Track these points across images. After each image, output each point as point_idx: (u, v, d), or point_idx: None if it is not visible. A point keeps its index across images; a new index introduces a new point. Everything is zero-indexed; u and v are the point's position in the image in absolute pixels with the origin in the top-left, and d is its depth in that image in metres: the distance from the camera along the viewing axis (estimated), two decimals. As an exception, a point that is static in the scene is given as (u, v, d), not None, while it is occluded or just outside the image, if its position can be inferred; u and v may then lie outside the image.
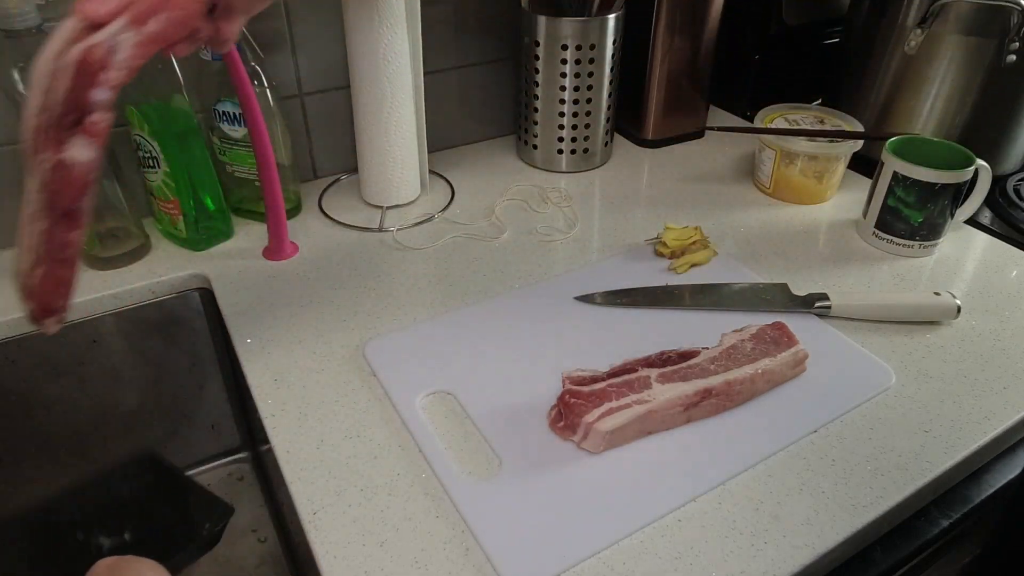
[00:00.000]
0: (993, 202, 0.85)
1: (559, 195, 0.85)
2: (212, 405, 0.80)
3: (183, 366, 0.76)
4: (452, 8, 0.86)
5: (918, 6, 0.82)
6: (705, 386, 0.53)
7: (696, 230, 0.73)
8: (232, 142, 0.74)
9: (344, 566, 0.45)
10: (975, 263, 0.74)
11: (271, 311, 0.66)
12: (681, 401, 0.52)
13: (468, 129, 0.96)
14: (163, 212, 0.72)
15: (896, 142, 0.74)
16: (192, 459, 0.82)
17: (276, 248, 0.73)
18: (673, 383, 0.53)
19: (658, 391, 0.52)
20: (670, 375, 0.54)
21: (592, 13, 0.81)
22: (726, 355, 0.56)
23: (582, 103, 0.85)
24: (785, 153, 0.82)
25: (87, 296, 0.68)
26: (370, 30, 0.70)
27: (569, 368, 0.56)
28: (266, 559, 0.75)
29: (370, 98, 0.74)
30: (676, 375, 0.54)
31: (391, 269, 0.72)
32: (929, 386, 0.58)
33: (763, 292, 0.67)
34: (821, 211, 0.83)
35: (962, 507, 0.54)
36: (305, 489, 0.50)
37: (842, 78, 0.94)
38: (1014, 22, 0.77)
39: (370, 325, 0.64)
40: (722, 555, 0.45)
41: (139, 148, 0.69)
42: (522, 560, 0.44)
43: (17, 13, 0.58)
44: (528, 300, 0.67)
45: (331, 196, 0.85)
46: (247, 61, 0.68)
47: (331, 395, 0.57)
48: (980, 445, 0.53)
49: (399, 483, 0.50)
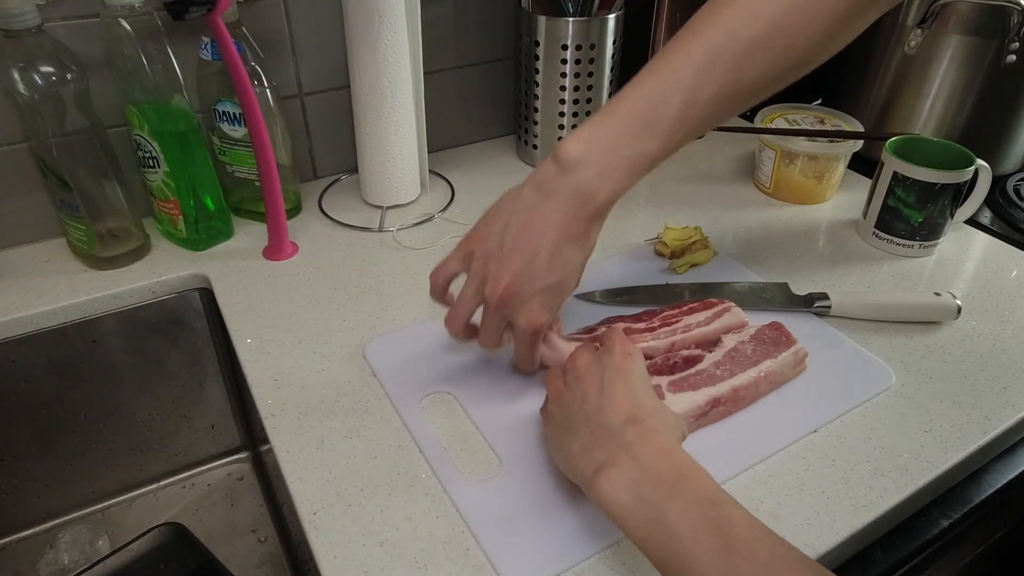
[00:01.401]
0: (993, 202, 0.85)
1: (559, 195, 0.85)
2: (212, 405, 0.80)
3: (183, 366, 0.76)
4: (452, 8, 0.86)
5: (918, 6, 0.82)
6: (715, 395, 0.53)
7: (696, 230, 0.73)
8: (232, 142, 0.74)
9: (344, 566, 0.45)
10: (975, 263, 0.74)
11: (271, 311, 0.66)
12: (693, 413, 0.52)
13: (468, 129, 0.96)
14: (163, 212, 0.72)
15: (896, 142, 0.74)
16: (192, 459, 0.82)
17: (276, 248, 0.73)
18: (684, 392, 0.53)
19: (671, 401, 0.52)
20: (680, 383, 0.54)
21: (592, 13, 0.81)
22: (729, 358, 0.56)
23: (582, 103, 0.85)
24: (785, 153, 0.82)
25: (87, 296, 0.68)
26: (370, 30, 0.70)
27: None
28: (266, 559, 0.75)
29: (370, 98, 0.74)
30: (686, 383, 0.54)
31: (391, 269, 0.72)
32: (929, 386, 0.58)
33: (763, 292, 0.67)
34: (821, 211, 0.83)
35: (962, 507, 0.54)
36: (305, 489, 0.49)
37: (842, 78, 0.94)
38: (1014, 22, 0.77)
39: (370, 325, 0.64)
40: (722, 555, 0.45)
41: (139, 148, 0.69)
42: (522, 560, 0.44)
43: (17, 13, 0.58)
44: (528, 300, 0.67)
45: (331, 196, 0.85)
46: (247, 61, 0.68)
47: (331, 395, 0.57)
48: (980, 445, 0.53)
49: (399, 483, 0.50)
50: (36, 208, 0.72)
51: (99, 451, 0.76)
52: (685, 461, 0.41)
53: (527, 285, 0.48)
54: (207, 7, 0.61)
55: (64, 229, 0.71)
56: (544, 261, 0.48)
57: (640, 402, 0.44)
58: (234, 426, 0.83)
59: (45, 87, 0.61)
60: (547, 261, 0.48)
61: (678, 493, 0.39)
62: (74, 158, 0.65)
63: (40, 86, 0.61)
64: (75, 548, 0.74)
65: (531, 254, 0.48)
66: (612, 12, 0.82)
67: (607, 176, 0.47)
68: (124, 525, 0.78)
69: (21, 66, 0.60)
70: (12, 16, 0.58)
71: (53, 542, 0.75)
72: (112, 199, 0.69)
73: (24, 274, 0.70)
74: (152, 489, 0.81)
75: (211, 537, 0.76)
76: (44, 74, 0.61)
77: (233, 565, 0.73)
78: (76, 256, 0.72)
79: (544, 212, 0.48)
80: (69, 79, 0.62)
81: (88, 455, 0.75)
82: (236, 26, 0.68)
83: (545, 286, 0.49)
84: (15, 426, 0.70)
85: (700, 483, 0.39)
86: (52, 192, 0.68)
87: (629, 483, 0.40)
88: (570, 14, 0.81)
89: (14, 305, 0.66)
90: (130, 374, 0.73)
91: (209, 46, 0.68)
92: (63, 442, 0.73)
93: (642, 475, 0.40)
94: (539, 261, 0.48)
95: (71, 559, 0.73)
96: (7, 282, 0.69)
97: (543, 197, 0.48)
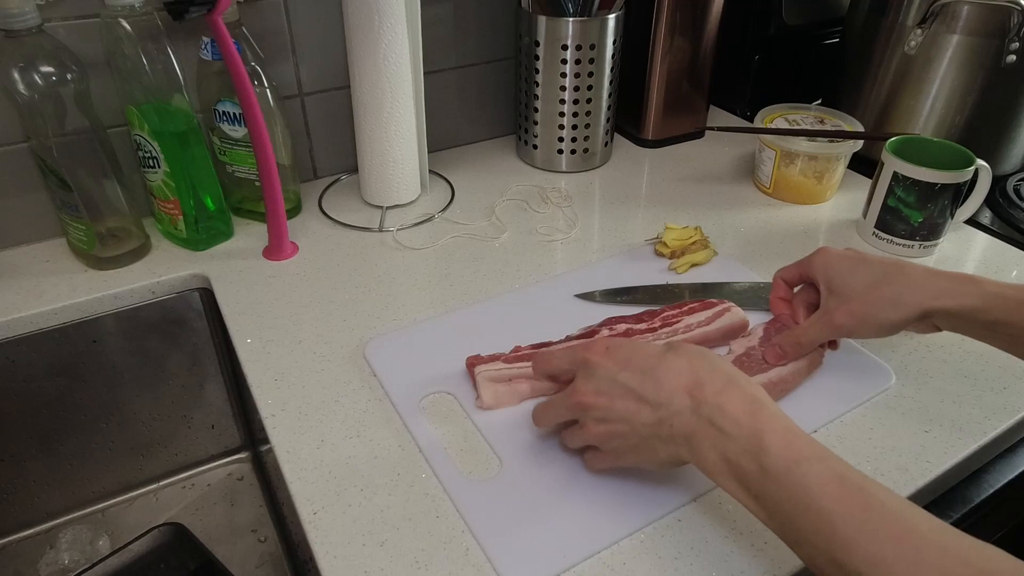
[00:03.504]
0: (993, 202, 0.85)
1: (559, 195, 0.85)
2: (212, 405, 0.80)
3: (183, 366, 0.76)
4: (452, 8, 0.86)
5: (918, 6, 0.82)
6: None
7: (696, 230, 0.73)
8: (232, 142, 0.74)
9: (344, 566, 0.45)
10: (975, 263, 0.74)
11: (271, 311, 0.66)
12: None
13: (468, 129, 0.96)
14: (163, 212, 0.72)
15: (896, 142, 0.74)
16: (192, 459, 0.82)
17: (276, 248, 0.73)
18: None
19: None
20: None
21: (592, 13, 0.81)
22: (739, 363, 0.56)
23: (582, 103, 0.85)
24: (785, 153, 0.82)
25: (87, 296, 0.68)
26: (370, 30, 0.70)
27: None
28: (266, 559, 0.75)
29: (370, 98, 0.74)
30: None
31: (391, 269, 0.72)
32: (929, 386, 0.58)
33: (763, 292, 0.67)
34: (821, 211, 0.83)
35: (962, 507, 0.54)
36: (305, 489, 0.50)
37: (842, 78, 0.94)
38: (1014, 22, 0.77)
39: (370, 325, 0.64)
40: (722, 555, 0.45)
41: (139, 148, 0.69)
42: (522, 560, 0.44)
43: (17, 13, 0.58)
44: (528, 300, 0.67)
45: (331, 196, 0.85)
46: (247, 61, 0.68)
47: (331, 395, 0.57)
48: (980, 445, 0.53)
49: (399, 483, 0.50)
50: (36, 208, 0.72)
51: (99, 451, 0.76)
52: (768, 414, 0.40)
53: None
54: (207, 7, 0.61)
55: (64, 229, 0.71)
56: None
57: (677, 365, 0.43)
58: (234, 426, 0.83)
59: (45, 87, 0.61)
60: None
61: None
62: (74, 158, 0.65)
63: (40, 86, 0.61)
64: (75, 548, 0.74)
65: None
66: (612, 12, 0.82)
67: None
68: (124, 525, 0.78)
69: (21, 66, 0.60)
70: (12, 16, 0.58)
71: (53, 542, 0.75)
72: (112, 199, 0.69)
73: (24, 274, 0.70)
74: (152, 489, 0.81)
75: (211, 537, 0.76)
76: (44, 74, 0.61)
77: (233, 565, 0.73)
78: (76, 256, 0.72)
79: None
80: (69, 79, 0.62)
81: (88, 455, 0.75)
82: (236, 26, 0.68)
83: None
84: (15, 426, 0.70)
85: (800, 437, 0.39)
86: (52, 192, 0.68)
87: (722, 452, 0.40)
88: (570, 14, 0.81)
89: (14, 305, 0.66)
90: (130, 374, 0.73)
91: (209, 46, 0.68)
92: (63, 442, 0.73)
93: (729, 441, 0.40)
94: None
95: (71, 559, 0.73)
96: (7, 282, 0.69)
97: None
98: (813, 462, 0.37)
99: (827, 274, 0.54)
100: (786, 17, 0.98)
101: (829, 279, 0.54)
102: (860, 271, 0.53)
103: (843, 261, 0.54)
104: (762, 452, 0.38)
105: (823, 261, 0.55)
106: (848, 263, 0.54)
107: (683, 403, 0.42)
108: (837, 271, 0.54)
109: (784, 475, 0.37)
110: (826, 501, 0.36)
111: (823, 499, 0.36)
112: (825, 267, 0.55)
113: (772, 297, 0.60)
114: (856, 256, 0.54)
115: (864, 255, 0.54)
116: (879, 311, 0.51)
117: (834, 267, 0.54)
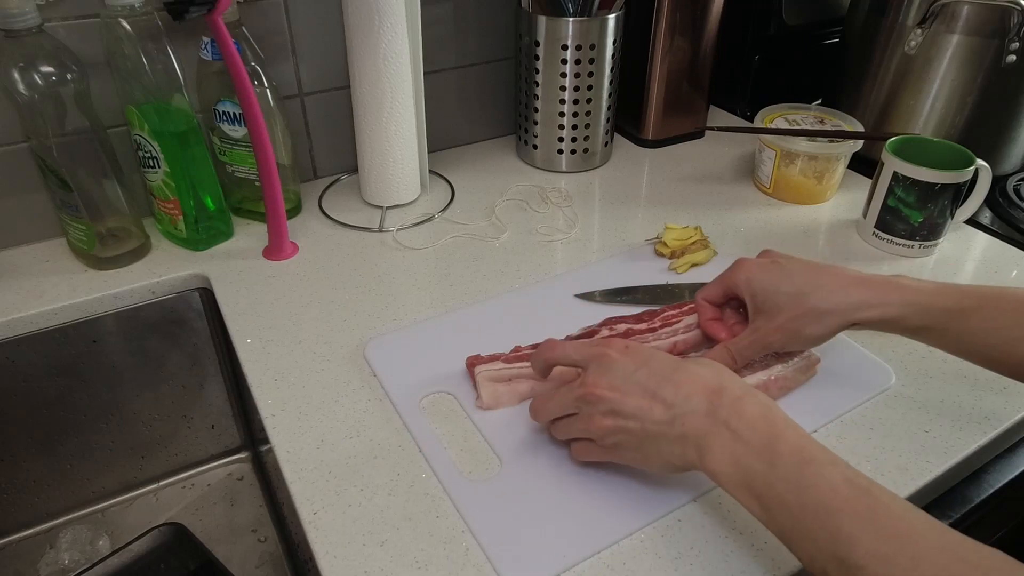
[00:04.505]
0: (993, 202, 0.85)
1: (559, 195, 0.85)
2: (212, 405, 0.80)
3: (183, 366, 0.76)
4: (452, 8, 0.86)
5: (918, 6, 0.82)
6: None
7: (696, 230, 0.74)
8: (232, 142, 0.74)
9: (344, 566, 0.45)
10: (975, 263, 0.74)
11: (271, 311, 0.66)
12: None
13: (468, 129, 0.96)
14: (163, 212, 0.72)
15: (896, 142, 0.74)
16: (192, 459, 0.82)
17: (276, 248, 0.73)
18: None
19: None
20: None
21: (592, 13, 0.81)
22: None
23: (582, 103, 0.85)
24: (785, 153, 0.82)
25: (87, 296, 0.68)
26: (370, 30, 0.70)
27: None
28: (266, 559, 0.75)
29: (370, 98, 0.74)
30: None
31: (391, 269, 0.72)
32: (929, 386, 0.58)
33: (763, 292, 0.67)
34: (821, 211, 0.83)
35: (962, 507, 0.54)
36: (305, 489, 0.50)
37: (842, 78, 0.94)
38: (1014, 22, 0.77)
39: (370, 325, 0.64)
40: (722, 555, 0.45)
41: (139, 148, 0.69)
42: (522, 560, 0.44)
43: (17, 13, 0.58)
44: (528, 300, 0.67)
45: (331, 196, 0.85)
46: (247, 61, 0.68)
47: (331, 395, 0.57)
48: (980, 445, 0.53)
49: (399, 483, 0.50)
50: (36, 208, 0.72)
51: (99, 451, 0.76)
52: (780, 421, 0.41)
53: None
54: (207, 7, 0.61)
55: (64, 229, 0.71)
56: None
57: (699, 371, 0.44)
58: (234, 426, 0.83)
59: (45, 87, 0.61)
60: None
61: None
62: (74, 158, 0.65)
63: (40, 86, 0.61)
64: (75, 548, 0.74)
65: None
66: (612, 12, 0.82)
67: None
68: (124, 525, 0.78)
69: (21, 66, 0.60)
70: (12, 16, 0.58)
71: (53, 542, 0.75)
72: (112, 199, 0.69)
73: (24, 274, 0.70)
74: (152, 489, 0.81)
75: (211, 537, 0.76)
76: (44, 74, 0.61)
77: (233, 565, 0.73)
78: (76, 256, 0.72)
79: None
80: (69, 79, 0.62)
81: (88, 455, 0.75)
82: (236, 26, 0.68)
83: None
84: (15, 426, 0.70)
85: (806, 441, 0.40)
86: (52, 192, 0.68)
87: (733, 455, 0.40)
88: (570, 14, 0.81)
89: (14, 305, 0.66)
90: (130, 374, 0.73)
91: (209, 46, 0.68)
92: (63, 442, 0.73)
93: (744, 446, 0.40)
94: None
95: (71, 559, 0.73)
96: (7, 282, 0.69)
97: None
98: (824, 465, 0.38)
99: (751, 290, 0.54)
100: (786, 17, 0.98)
101: (754, 294, 0.54)
102: (782, 284, 0.52)
103: (764, 274, 0.54)
104: (774, 455, 0.39)
105: (745, 277, 0.55)
106: (769, 276, 0.53)
107: (699, 405, 0.42)
108: (760, 286, 0.53)
109: (794, 475, 0.38)
110: (833, 500, 0.37)
111: (831, 499, 0.37)
112: (748, 283, 0.54)
113: (702, 322, 0.59)
114: (775, 267, 0.54)
115: (783, 264, 0.54)
116: (804, 327, 0.52)
117: (757, 282, 0.54)
